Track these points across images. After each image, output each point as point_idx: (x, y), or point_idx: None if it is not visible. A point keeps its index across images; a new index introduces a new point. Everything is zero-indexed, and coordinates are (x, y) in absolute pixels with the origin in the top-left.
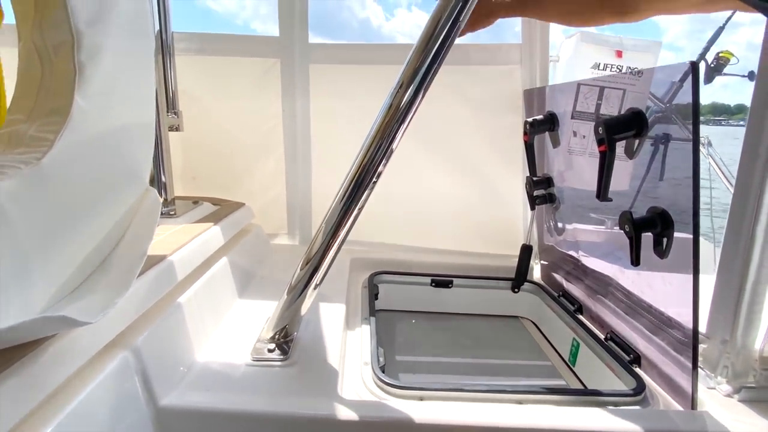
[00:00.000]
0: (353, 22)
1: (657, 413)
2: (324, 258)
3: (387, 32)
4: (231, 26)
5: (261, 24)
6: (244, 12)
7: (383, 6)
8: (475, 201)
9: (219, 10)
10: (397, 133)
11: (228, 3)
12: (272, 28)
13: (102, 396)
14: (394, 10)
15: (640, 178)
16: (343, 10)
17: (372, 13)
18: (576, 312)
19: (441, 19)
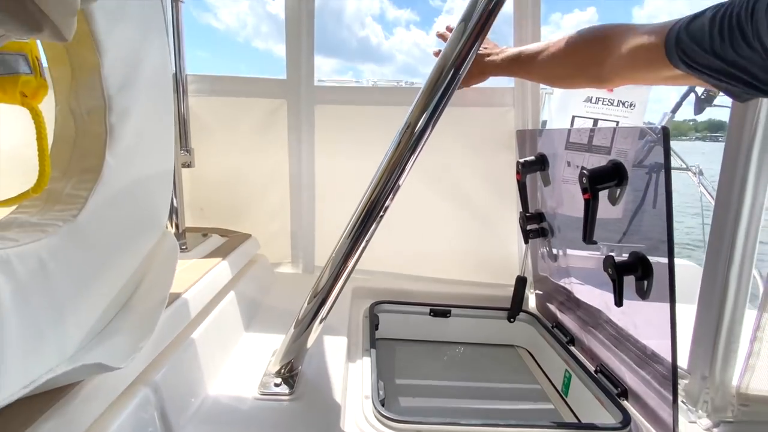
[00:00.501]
0: (353, 41)
1: None
2: (331, 292)
3: (386, 50)
4: (232, 43)
5: (262, 42)
6: (244, 30)
7: (382, 25)
8: (472, 233)
9: (220, 27)
10: (405, 169)
11: (229, 20)
12: (273, 46)
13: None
14: (393, 28)
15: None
16: (342, 29)
17: (371, 31)
18: (568, 343)
19: (444, 68)
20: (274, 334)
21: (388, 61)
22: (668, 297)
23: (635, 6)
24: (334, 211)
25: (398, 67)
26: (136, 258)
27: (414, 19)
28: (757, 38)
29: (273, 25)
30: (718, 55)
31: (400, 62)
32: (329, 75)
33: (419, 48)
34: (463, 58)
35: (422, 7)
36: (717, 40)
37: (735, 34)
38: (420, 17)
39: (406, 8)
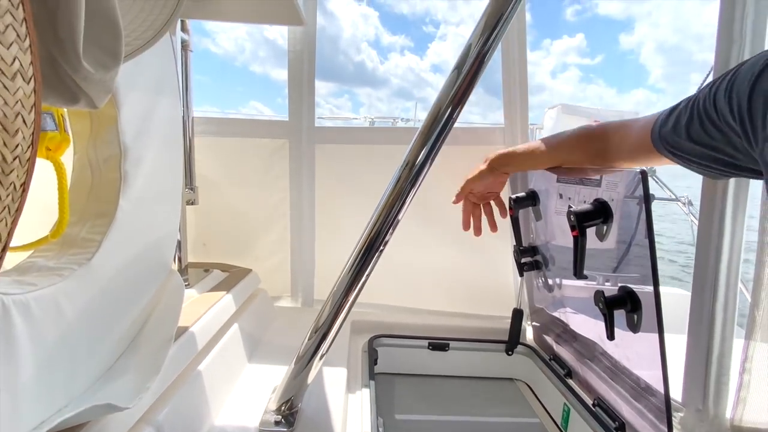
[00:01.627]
0: (349, 65)
1: None
2: (332, 327)
3: (381, 74)
4: (229, 68)
5: (259, 66)
6: (242, 55)
7: (377, 50)
8: (469, 265)
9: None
10: (404, 205)
11: (227, 45)
12: (270, 70)
13: None
14: (387, 54)
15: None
16: (339, 54)
17: (367, 57)
18: (566, 376)
19: (440, 111)
20: (275, 369)
21: (384, 85)
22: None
23: (622, 33)
24: (333, 246)
25: (393, 90)
26: (145, 297)
27: (408, 44)
28: (723, 121)
29: (270, 50)
30: (695, 140)
31: (395, 86)
32: (326, 98)
33: (413, 72)
34: (458, 102)
35: (415, 33)
36: (692, 127)
37: (704, 120)
38: (414, 43)
39: (401, 34)
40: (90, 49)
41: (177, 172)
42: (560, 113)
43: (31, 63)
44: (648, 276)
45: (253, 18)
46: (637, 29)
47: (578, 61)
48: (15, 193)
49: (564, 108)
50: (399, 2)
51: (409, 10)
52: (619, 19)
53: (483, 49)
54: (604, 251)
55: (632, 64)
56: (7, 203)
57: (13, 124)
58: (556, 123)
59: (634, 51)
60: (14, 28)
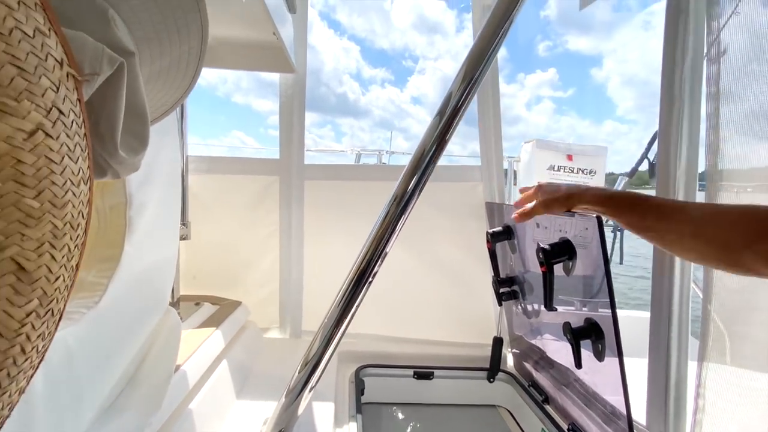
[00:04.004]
0: (331, 97)
1: None
2: (322, 358)
3: (363, 105)
4: (211, 98)
5: (242, 97)
6: (225, 85)
7: (359, 82)
8: (452, 296)
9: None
10: (392, 237)
11: (210, 76)
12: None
13: None
14: (369, 86)
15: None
16: (321, 86)
17: (349, 88)
18: (543, 402)
19: (424, 151)
20: (264, 401)
21: (365, 116)
22: (618, 359)
23: (594, 67)
24: (320, 278)
25: (375, 121)
26: (144, 333)
27: (389, 77)
28: None
29: (253, 81)
30: None
31: (377, 117)
32: (309, 129)
33: (394, 104)
34: (440, 144)
35: (396, 66)
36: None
37: None
38: (394, 76)
39: (381, 67)
40: (123, 138)
41: (175, 211)
42: (535, 148)
43: (88, 167)
44: (606, 309)
45: (247, 66)
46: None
47: (551, 94)
48: (72, 273)
49: (538, 143)
50: (379, 37)
51: (389, 45)
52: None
53: (461, 98)
54: (573, 284)
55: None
56: (68, 283)
57: (76, 220)
58: (531, 157)
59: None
60: (80, 145)
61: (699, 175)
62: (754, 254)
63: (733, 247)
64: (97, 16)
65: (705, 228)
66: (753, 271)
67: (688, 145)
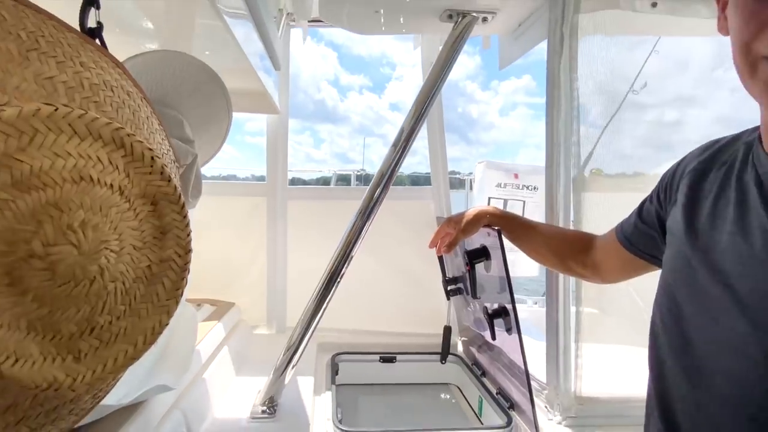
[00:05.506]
0: (309, 103)
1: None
2: (300, 343)
3: (342, 112)
4: None
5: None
6: None
7: (337, 89)
8: (410, 294)
9: None
10: (356, 243)
11: None
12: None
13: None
14: (347, 92)
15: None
16: (299, 92)
17: (327, 95)
18: (481, 376)
19: (383, 177)
20: (256, 377)
21: (344, 122)
22: (517, 333)
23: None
24: (301, 282)
25: (354, 127)
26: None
27: (367, 84)
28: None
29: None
30: (643, 220)
31: (355, 123)
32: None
33: (372, 110)
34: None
35: (374, 73)
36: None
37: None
38: (372, 83)
39: (359, 74)
40: (192, 191)
41: None
42: (486, 168)
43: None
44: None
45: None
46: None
47: (527, 100)
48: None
49: (488, 164)
50: (356, 44)
51: (367, 51)
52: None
53: (411, 132)
54: (492, 279)
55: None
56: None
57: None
58: (483, 175)
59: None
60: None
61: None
62: (575, 262)
63: (562, 257)
64: (177, 123)
65: (548, 243)
66: (575, 273)
67: (564, 164)
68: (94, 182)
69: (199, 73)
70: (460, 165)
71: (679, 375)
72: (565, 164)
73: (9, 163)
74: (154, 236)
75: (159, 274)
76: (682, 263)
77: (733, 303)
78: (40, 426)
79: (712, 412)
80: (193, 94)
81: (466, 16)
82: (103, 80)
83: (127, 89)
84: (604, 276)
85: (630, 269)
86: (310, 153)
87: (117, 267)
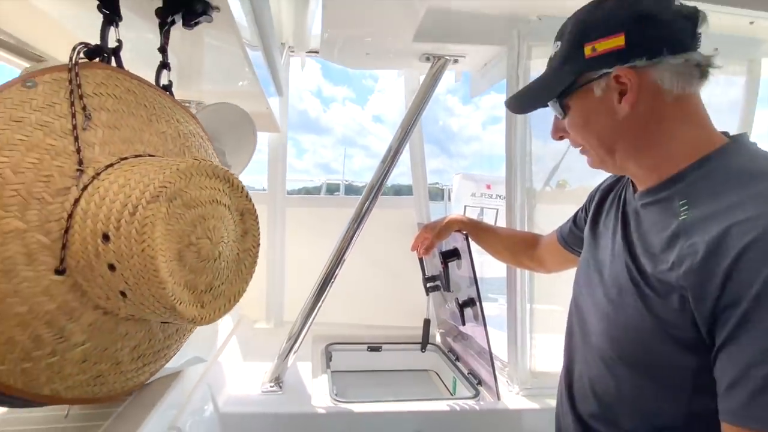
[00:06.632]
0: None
1: (482, 403)
2: (301, 332)
3: (325, 123)
4: None
5: None
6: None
7: (320, 100)
8: (394, 291)
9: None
10: (349, 248)
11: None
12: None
13: (197, 407)
14: (330, 104)
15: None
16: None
17: (309, 105)
18: (456, 361)
19: (373, 189)
20: (259, 362)
21: (327, 133)
22: (482, 320)
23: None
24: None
25: (338, 138)
26: None
27: (350, 95)
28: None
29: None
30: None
31: (339, 134)
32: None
33: (355, 122)
34: (382, 182)
35: (356, 85)
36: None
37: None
38: (355, 94)
39: (342, 85)
40: None
41: None
42: (462, 179)
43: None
44: (478, 291)
45: None
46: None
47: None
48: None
49: (464, 176)
50: None
51: None
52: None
53: (397, 150)
54: (462, 276)
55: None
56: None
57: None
58: (459, 186)
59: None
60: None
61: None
62: (525, 257)
63: (515, 254)
64: (221, 153)
65: (504, 243)
66: (526, 266)
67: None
68: (218, 203)
69: (236, 115)
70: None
71: (577, 335)
72: (521, 180)
73: (181, 194)
74: (241, 234)
75: (243, 258)
76: (584, 260)
77: (600, 282)
78: (150, 362)
79: (589, 360)
80: (231, 130)
81: (440, 58)
82: (189, 130)
83: (200, 133)
84: (548, 267)
85: (565, 262)
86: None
87: (225, 253)
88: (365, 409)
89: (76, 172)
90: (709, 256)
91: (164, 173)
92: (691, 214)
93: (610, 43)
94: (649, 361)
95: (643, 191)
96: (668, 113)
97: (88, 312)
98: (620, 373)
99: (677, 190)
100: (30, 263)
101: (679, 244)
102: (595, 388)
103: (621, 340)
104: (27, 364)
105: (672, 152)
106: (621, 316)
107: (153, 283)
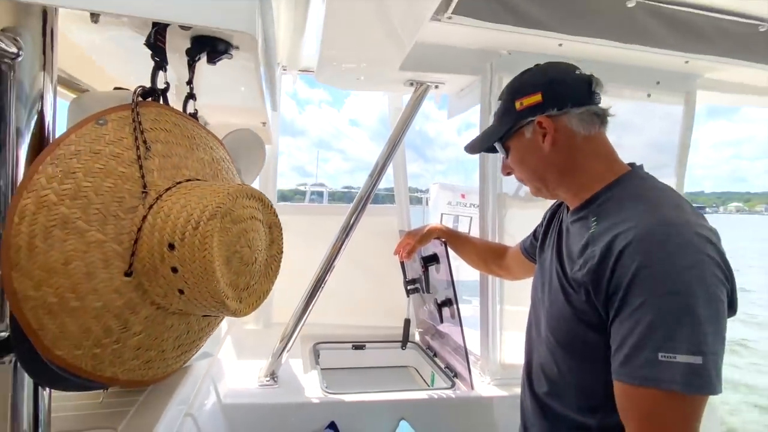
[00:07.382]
0: None
1: (457, 392)
2: (293, 332)
3: (300, 125)
4: None
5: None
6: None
7: (296, 102)
8: (378, 293)
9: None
10: (339, 254)
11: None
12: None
13: (204, 398)
14: (305, 106)
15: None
16: None
17: (285, 107)
18: (434, 357)
19: (362, 200)
20: (252, 360)
21: (302, 135)
22: (458, 319)
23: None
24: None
25: (313, 141)
26: None
27: (326, 98)
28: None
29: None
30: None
31: (314, 137)
32: None
33: (331, 125)
34: (370, 194)
35: (332, 88)
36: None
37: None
38: (331, 97)
39: (318, 88)
40: None
41: None
42: (439, 189)
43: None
44: (455, 292)
45: None
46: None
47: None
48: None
49: (441, 186)
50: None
51: None
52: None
53: (383, 166)
54: (441, 279)
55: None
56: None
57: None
58: (436, 195)
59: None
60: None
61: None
62: (495, 265)
63: (486, 261)
64: (237, 172)
65: (477, 251)
66: (495, 273)
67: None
68: (255, 218)
69: (251, 138)
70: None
71: (533, 329)
72: (493, 187)
73: (230, 212)
74: (268, 243)
75: (270, 263)
76: (536, 268)
77: (545, 285)
78: (187, 351)
79: (540, 349)
80: (246, 152)
81: (423, 84)
82: (219, 155)
83: (227, 158)
84: (513, 274)
85: (529, 270)
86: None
87: (259, 259)
88: (354, 398)
89: (141, 194)
90: (602, 259)
91: (219, 196)
92: (597, 228)
93: (532, 99)
94: (574, 342)
95: (572, 211)
96: (581, 149)
97: (146, 307)
98: (558, 356)
99: (591, 209)
100: (106, 267)
101: (588, 250)
102: (545, 371)
103: (555, 328)
104: (97, 349)
105: (587, 179)
106: (554, 309)
107: (210, 282)
